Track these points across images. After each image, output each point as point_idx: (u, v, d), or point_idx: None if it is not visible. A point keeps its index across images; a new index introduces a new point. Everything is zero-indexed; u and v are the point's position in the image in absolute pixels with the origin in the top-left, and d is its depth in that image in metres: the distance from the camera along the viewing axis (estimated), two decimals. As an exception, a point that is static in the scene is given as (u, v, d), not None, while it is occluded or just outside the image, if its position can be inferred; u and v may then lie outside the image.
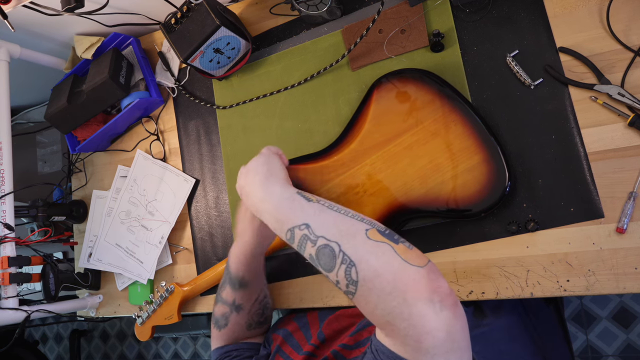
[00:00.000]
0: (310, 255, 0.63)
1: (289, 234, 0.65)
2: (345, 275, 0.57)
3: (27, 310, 1.11)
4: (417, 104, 0.91)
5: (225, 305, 0.93)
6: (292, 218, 0.66)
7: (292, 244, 0.65)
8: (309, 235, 0.62)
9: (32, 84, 1.46)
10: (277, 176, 0.74)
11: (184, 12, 1.02)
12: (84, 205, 1.34)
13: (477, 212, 0.85)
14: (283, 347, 0.90)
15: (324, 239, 0.61)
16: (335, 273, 0.58)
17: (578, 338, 1.83)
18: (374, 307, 0.55)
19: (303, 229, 0.63)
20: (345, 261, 0.58)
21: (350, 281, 0.57)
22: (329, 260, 0.59)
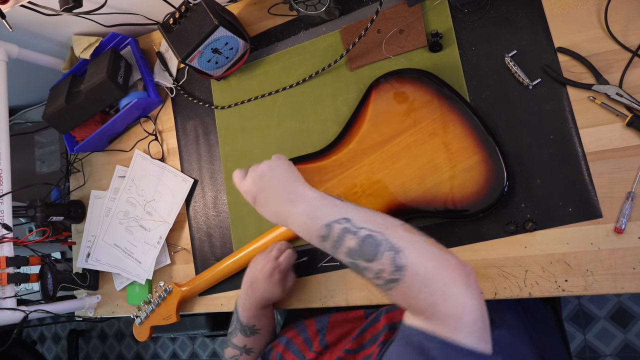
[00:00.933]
0: (349, 249, 0.64)
1: (326, 230, 0.65)
2: (391, 262, 0.60)
3: (25, 311, 1.10)
4: (415, 104, 0.91)
5: (236, 349, 0.96)
6: (329, 213, 0.67)
7: (326, 241, 0.66)
8: (350, 228, 0.64)
9: (30, 84, 1.45)
10: (301, 179, 0.74)
11: (182, 12, 1.02)
12: (82, 206, 1.34)
13: (476, 212, 0.85)
14: (285, 354, 0.91)
15: (367, 230, 0.63)
16: (380, 261, 0.61)
17: (576, 338, 1.83)
18: (417, 292, 0.59)
19: (343, 222, 0.65)
20: (392, 248, 0.61)
21: (396, 267, 0.60)
22: (373, 249, 0.62)
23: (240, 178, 0.78)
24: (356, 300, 0.98)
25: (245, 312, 0.93)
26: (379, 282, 0.62)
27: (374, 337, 0.85)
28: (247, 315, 0.93)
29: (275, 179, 0.74)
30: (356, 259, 0.63)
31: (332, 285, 1.00)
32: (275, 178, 0.74)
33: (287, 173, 0.75)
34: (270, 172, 0.75)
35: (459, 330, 0.57)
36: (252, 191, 0.75)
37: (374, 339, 0.84)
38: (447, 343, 0.57)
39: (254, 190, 0.75)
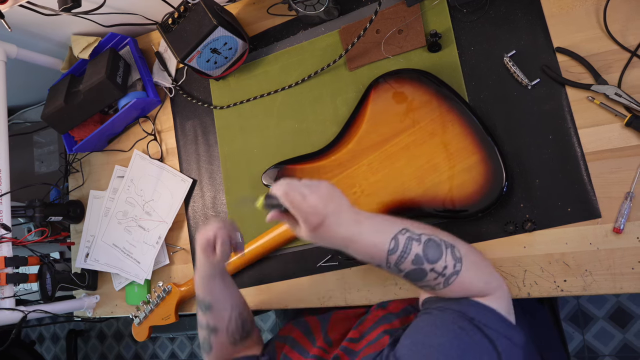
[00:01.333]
0: (415, 255, 0.68)
1: (393, 243, 0.68)
2: (452, 257, 0.68)
3: (23, 311, 1.10)
4: (414, 104, 0.91)
5: (202, 329, 0.94)
6: (390, 228, 0.70)
7: (393, 254, 0.68)
8: (413, 236, 0.69)
9: (29, 84, 1.45)
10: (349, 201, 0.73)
11: (181, 12, 1.02)
12: (80, 206, 1.34)
13: (475, 213, 0.85)
14: (289, 354, 0.90)
15: (425, 235, 0.70)
16: (444, 258, 0.68)
17: (575, 338, 1.83)
18: (474, 275, 0.69)
19: (404, 232, 0.69)
20: (448, 245, 0.69)
21: (457, 260, 0.68)
22: (436, 250, 0.69)
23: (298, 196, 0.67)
24: (355, 301, 0.98)
25: (196, 285, 0.92)
26: (440, 280, 0.68)
27: (374, 324, 0.85)
28: (198, 289, 0.92)
29: (342, 202, 0.69)
30: (421, 263, 0.68)
31: (330, 286, 1.00)
32: (341, 202, 0.70)
33: (343, 196, 0.71)
34: (335, 194, 0.70)
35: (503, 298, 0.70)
36: (323, 213, 0.67)
37: (374, 325, 0.84)
38: (483, 306, 0.68)
39: (325, 212, 0.67)
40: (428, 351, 0.63)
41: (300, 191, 0.67)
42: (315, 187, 0.69)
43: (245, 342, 0.96)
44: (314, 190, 0.68)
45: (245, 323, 0.96)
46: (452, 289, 0.69)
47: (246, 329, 0.96)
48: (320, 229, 0.67)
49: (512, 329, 0.67)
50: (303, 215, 0.67)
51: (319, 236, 0.69)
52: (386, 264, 0.69)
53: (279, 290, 1.05)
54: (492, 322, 0.66)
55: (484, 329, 0.64)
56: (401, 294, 0.93)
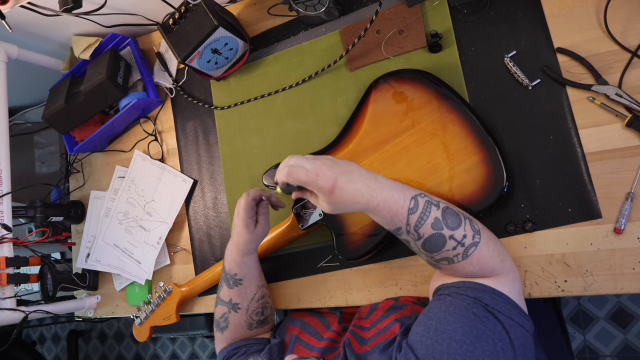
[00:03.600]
0: (435, 219, 0.69)
1: (413, 202, 0.69)
2: (471, 227, 0.70)
3: (24, 311, 1.10)
4: (414, 105, 0.91)
5: (223, 305, 0.94)
6: (409, 189, 0.71)
7: (413, 213, 0.68)
8: (432, 200, 0.70)
9: (30, 84, 1.45)
10: None
11: (181, 13, 1.02)
12: (81, 206, 1.34)
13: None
14: (301, 336, 0.91)
15: (443, 203, 0.71)
16: (463, 227, 0.69)
17: (576, 338, 1.83)
18: (492, 249, 0.70)
19: (424, 196, 0.70)
20: (466, 217, 0.71)
21: (475, 231, 0.70)
22: (455, 217, 0.70)
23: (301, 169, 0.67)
24: (355, 301, 0.98)
25: (228, 258, 0.92)
26: (460, 250, 0.69)
27: (385, 312, 0.85)
28: (229, 262, 0.91)
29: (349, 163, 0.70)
30: (441, 228, 0.68)
31: (331, 286, 1.00)
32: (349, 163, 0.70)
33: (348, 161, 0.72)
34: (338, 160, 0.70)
35: (516, 279, 0.72)
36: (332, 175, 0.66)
37: (385, 314, 0.84)
38: (497, 292, 0.68)
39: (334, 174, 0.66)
40: (441, 337, 0.62)
41: (301, 165, 0.68)
42: (316, 157, 0.70)
43: (260, 328, 0.98)
44: (314, 159, 0.69)
45: (266, 308, 0.97)
46: (471, 261, 0.69)
47: (265, 314, 0.97)
48: (335, 191, 0.66)
49: (524, 316, 0.67)
50: (313, 184, 0.67)
51: (339, 200, 0.67)
52: (406, 225, 0.69)
53: (279, 291, 1.06)
54: (506, 309, 0.66)
55: (497, 315, 0.64)
56: (401, 294, 0.93)
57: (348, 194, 0.67)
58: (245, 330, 0.95)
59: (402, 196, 0.68)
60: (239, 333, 0.95)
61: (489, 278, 0.70)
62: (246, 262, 0.91)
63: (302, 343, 0.89)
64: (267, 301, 0.98)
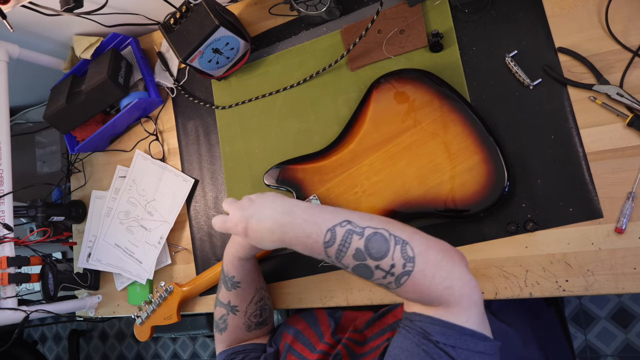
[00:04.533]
0: (356, 250, 0.64)
1: (329, 235, 0.65)
2: (402, 255, 0.62)
3: (26, 311, 1.10)
4: (415, 104, 0.91)
5: (222, 307, 0.94)
6: (329, 218, 0.67)
7: (331, 246, 0.65)
8: (354, 229, 0.65)
9: (31, 84, 1.46)
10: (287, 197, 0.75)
11: (183, 12, 1.02)
12: (82, 206, 1.34)
13: (476, 213, 0.85)
14: (294, 345, 0.90)
15: (371, 228, 0.64)
16: (391, 256, 0.62)
17: (577, 338, 1.83)
18: (432, 277, 0.61)
19: (345, 225, 0.65)
20: (399, 242, 0.63)
21: (407, 259, 0.62)
22: (381, 245, 0.63)
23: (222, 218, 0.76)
24: (356, 301, 0.98)
25: (227, 262, 0.91)
26: (390, 279, 0.63)
27: (380, 331, 0.85)
28: (228, 265, 0.91)
29: (265, 201, 0.73)
30: (364, 259, 0.63)
31: (332, 286, 1.00)
32: (265, 200, 0.73)
33: (275, 194, 0.74)
34: (258, 198, 0.74)
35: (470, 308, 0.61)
36: (243, 219, 0.72)
37: (380, 333, 0.84)
38: (449, 325, 0.60)
39: (245, 218, 0.72)
40: None
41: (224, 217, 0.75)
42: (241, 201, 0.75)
43: (259, 330, 0.97)
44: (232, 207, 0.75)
45: (264, 310, 0.97)
46: (406, 290, 0.63)
47: (264, 316, 0.97)
48: (248, 232, 0.72)
49: (484, 340, 0.61)
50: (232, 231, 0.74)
51: (254, 240, 0.73)
52: (327, 257, 0.67)
53: (280, 291, 1.06)
54: (460, 342, 0.60)
55: (451, 353, 0.59)
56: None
57: (260, 234, 0.71)
58: (244, 332, 0.95)
59: (316, 229, 0.66)
60: (238, 335, 0.95)
61: (437, 308, 0.63)
62: (244, 266, 0.91)
63: (294, 353, 0.89)
64: (266, 303, 0.98)
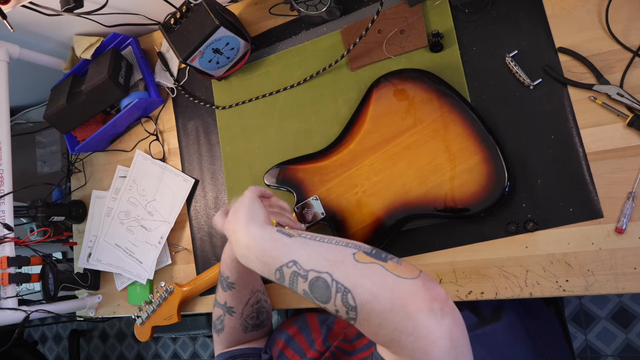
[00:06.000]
0: (304, 291, 0.61)
1: (278, 274, 0.63)
2: (343, 303, 0.56)
3: (26, 311, 1.10)
4: (416, 104, 0.91)
5: (219, 307, 0.94)
6: (278, 257, 0.63)
7: (283, 283, 0.63)
8: (299, 271, 0.61)
9: (32, 84, 1.46)
10: (256, 219, 0.71)
11: (183, 12, 1.02)
12: (83, 206, 1.34)
13: (477, 213, 0.85)
14: (285, 351, 0.90)
15: (314, 272, 0.59)
16: (333, 303, 0.57)
17: (577, 338, 1.83)
18: (377, 328, 0.54)
19: (291, 266, 0.61)
20: (340, 289, 0.57)
21: (349, 308, 0.56)
22: (324, 292, 0.58)
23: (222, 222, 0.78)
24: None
25: (223, 262, 0.90)
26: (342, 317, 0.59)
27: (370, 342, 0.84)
28: (224, 264, 0.90)
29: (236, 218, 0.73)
30: (313, 300, 0.60)
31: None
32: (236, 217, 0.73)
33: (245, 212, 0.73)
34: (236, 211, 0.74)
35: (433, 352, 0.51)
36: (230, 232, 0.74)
37: (370, 344, 0.84)
38: None
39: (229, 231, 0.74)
40: None
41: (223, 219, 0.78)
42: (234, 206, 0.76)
43: (257, 332, 0.97)
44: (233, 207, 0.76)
45: (261, 312, 0.97)
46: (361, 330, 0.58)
47: (261, 318, 0.96)
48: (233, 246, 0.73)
49: None
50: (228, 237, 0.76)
51: None
52: None
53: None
54: None
55: None
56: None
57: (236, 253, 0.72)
58: (241, 334, 0.95)
59: (267, 269, 0.65)
60: (235, 336, 0.95)
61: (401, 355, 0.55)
62: (238, 267, 0.88)
63: (286, 359, 0.89)
64: (263, 305, 0.97)
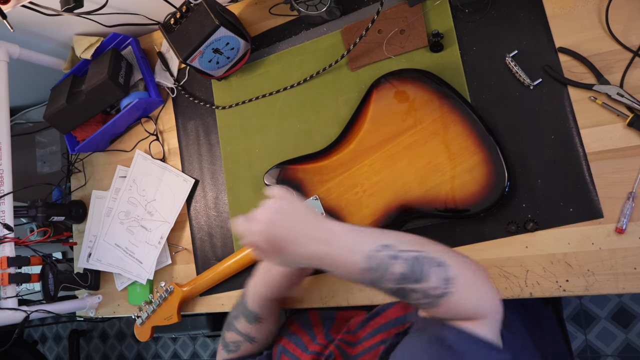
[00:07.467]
0: (396, 275, 0.62)
1: (369, 261, 0.63)
2: (440, 277, 0.62)
3: (26, 311, 1.10)
4: (416, 104, 0.91)
5: (239, 335, 0.92)
6: (368, 244, 0.64)
7: (370, 272, 0.63)
8: (394, 254, 0.63)
9: (32, 84, 1.46)
10: (322, 216, 0.69)
11: (183, 12, 1.02)
12: (83, 206, 1.34)
13: (477, 213, 0.85)
14: (287, 346, 0.90)
15: (410, 252, 0.63)
16: (430, 279, 0.62)
17: (577, 338, 1.83)
18: (465, 298, 0.63)
19: (384, 250, 0.63)
20: (438, 264, 0.63)
21: (446, 280, 0.62)
22: (421, 269, 0.62)
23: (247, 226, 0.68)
24: (357, 301, 0.98)
25: (253, 297, 0.88)
26: (426, 300, 0.62)
27: (373, 331, 0.84)
28: (254, 302, 0.88)
29: (298, 222, 0.67)
30: (404, 283, 0.62)
31: (333, 286, 1.00)
32: (297, 221, 0.67)
33: (307, 212, 0.68)
34: (288, 216, 0.67)
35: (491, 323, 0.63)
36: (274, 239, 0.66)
37: (373, 333, 0.84)
38: (462, 332, 0.62)
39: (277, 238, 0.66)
40: None
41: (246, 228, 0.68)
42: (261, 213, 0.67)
43: None
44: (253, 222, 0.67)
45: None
46: (441, 310, 0.63)
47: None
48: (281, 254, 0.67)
49: (496, 351, 0.62)
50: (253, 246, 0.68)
51: (284, 262, 0.69)
52: (363, 281, 0.65)
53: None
54: (474, 350, 0.61)
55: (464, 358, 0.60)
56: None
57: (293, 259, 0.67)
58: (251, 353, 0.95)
59: (354, 257, 0.63)
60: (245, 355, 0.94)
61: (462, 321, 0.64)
62: (272, 307, 0.90)
63: (287, 353, 0.88)
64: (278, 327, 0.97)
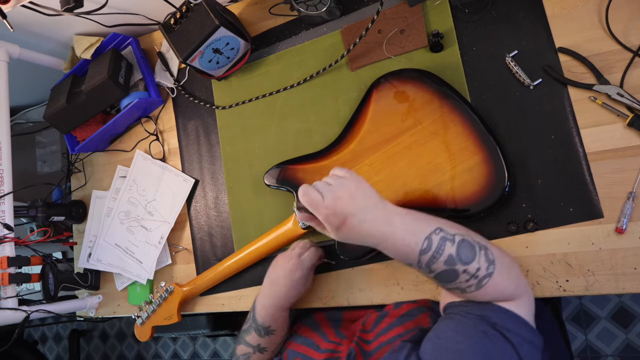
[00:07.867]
0: (448, 256, 0.66)
1: (426, 242, 0.67)
2: (485, 258, 0.67)
3: (26, 311, 1.10)
4: (416, 104, 0.91)
5: (249, 347, 0.93)
6: (424, 227, 0.68)
7: (426, 253, 0.67)
8: (447, 236, 0.68)
9: (32, 84, 1.46)
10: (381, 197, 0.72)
11: (183, 12, 1.02)
12: (83, 206, 1.34)
13: (477, 213, 0.85)
14: (298, 349, 0.90)
15: (459, 235, 0.68)
16: (478, 260, 0.67)
17: (577, 338, 1.83)
18: (506, 278, 0.68)
19: (438, 232, 0.68)
20: (482, 247, 0.68)
21: (490, 262, 0.67)
22: (470, 251, 0.67)
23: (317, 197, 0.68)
24: (357, 301, 0.98)
25: (262, 311, 0.90)
26: (472, 282, 0.67)
27: (388, 326, 0.84)
28: (263, 315, 0.90)
29: (367, 202, 0.69)
30: (454, 264, 0.66)
31: (333, 286, 1.00)
32: (367, 201, 0.69)
33: (372, 191, 0.71)
34: (358, 192, 0.69)
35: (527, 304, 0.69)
36: (341, 213, 0.67)
37: (388, 328, 0.84)
38: (504, 311, 0.67)
39: (344, 213, 0.67)
40: (450, 356, 0.63)
41: (321, 191, 0.69)
42: (338, 186, 0.69)
43: None
44: (333, 190, 0.69)
45: None
46: (484, 291, 0.67)
47: None
48: (343, 228, 0.68)
49: (534, 333, 0.66)
50: (322, 216, 0.68)
51: (345, 236, 0.70)
52: (417, 264, 0.68)
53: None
54: (515, 327, 0.65)
55: (506, 334, 0.63)
56: (403, 294, 0.93)
57: (356, 235, 0.69)
58: None
59: (414, 239, 0.67)
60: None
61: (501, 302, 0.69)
62: (283, 316, 0.91)
63: (299, 355, 0.89)
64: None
